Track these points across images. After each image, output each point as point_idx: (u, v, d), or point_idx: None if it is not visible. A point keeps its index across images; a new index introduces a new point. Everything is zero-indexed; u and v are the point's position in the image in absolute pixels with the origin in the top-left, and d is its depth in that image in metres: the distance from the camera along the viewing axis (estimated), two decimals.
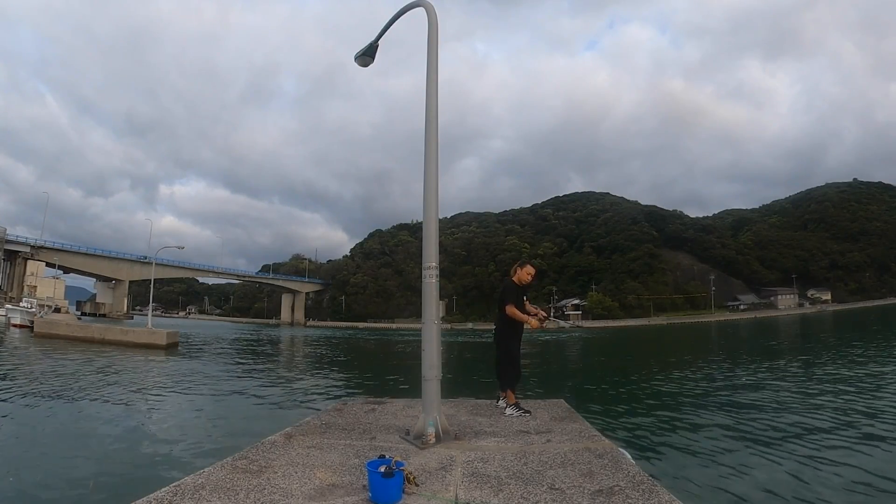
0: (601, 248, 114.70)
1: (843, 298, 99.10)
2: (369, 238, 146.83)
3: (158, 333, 27.77)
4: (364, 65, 5.82)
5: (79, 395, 11.65)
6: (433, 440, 3.63)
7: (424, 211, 4.23)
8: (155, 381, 14.61)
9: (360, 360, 27.03)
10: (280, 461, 3.12)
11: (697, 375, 16.74)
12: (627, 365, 22.61)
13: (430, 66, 4.54)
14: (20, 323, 39.79)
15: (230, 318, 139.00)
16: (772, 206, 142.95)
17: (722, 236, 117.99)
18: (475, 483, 2.73)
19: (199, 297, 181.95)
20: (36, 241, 75.74)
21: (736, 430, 8.30)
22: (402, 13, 5.13)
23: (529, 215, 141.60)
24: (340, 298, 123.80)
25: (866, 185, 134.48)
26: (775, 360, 20.11)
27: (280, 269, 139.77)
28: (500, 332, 5.02)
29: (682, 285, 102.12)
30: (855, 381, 13.07)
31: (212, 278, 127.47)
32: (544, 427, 4.22)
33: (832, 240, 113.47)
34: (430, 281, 4.05)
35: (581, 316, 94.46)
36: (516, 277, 5.07)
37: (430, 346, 3.96)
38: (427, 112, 4.41)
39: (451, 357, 26.61)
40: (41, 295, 62.18)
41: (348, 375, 19.35)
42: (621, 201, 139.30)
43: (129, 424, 8.95)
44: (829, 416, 9.08)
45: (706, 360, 21.95)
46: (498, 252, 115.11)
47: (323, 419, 4.57)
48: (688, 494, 5.26)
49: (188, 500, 2.41)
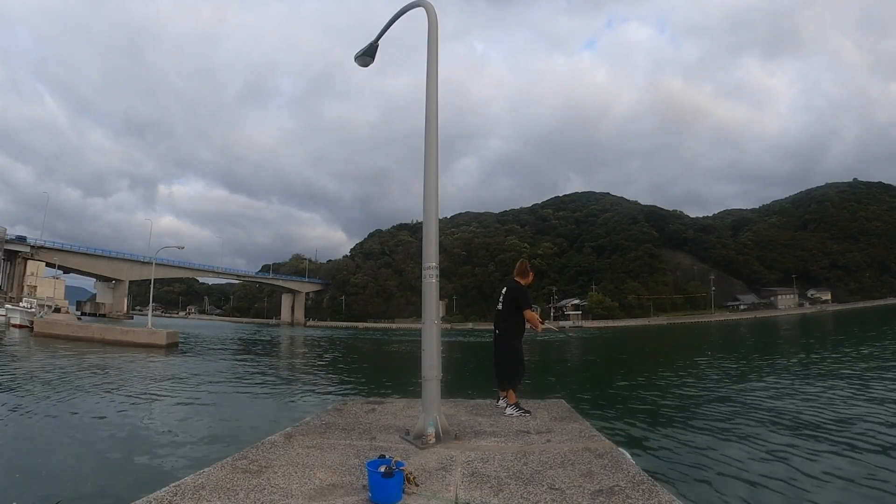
0: (601, 248, 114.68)
1: (843, 298, 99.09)
2: (369, 238, 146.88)
3: (158, 333, 27.77)
4: (364, 65, 5.81)
5: (78, 395, 11.65)
6: (433, 440, 3.63)
7: (424, 211, 4.23)
8: (155, 382, 14.59)
9: (360, 360, 27.02)
10: (280, 461, 3.12)
11: (698, 375, 16.74)
12: (628, 365, 22.61)
13: (430, 65, 4.54)
14: (20, 323, 39.78)
15: (230, 318, 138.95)
16: (772, 206, 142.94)
17: (722, 236, 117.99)
18: (475, 483, 2.73)
19: (199, 297, 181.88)
20: (36, 241, 75.75)
21: (736, 430, 8.29)
22: (403, 13, 5.12)
23: (529, 215, 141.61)
24: (340, 298, 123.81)
25: (866, 185, 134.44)
26: (775, 360, 20.11)
27: (280, 269, 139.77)
28: (503, 332, 5.00)
29: (682, 285, 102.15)
30: (855, 380, 13.07)
31: (212, 278, 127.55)
32: (544, 427, 4.22)
33: (832, 240, 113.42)
34: (430, 281, 4.05)
35: (581, 316, 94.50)
36: (525, 281, 5.08)
37: (430, 346, 3.96)
38: (427, 112, 4.41)
39: (452, 357, 26.61)
40: (41, 295, 62.14)
41: (348, 375, 19.35)
42: (621, 201, 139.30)
43: (129, 424, 8.94)
44: (829, 416, 9.07)
45: (706, 360, 21.95)
46: (498, 252, 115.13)
47: (323, 419, 4.57)
48: (688, 494, 5.25)
49: (188, 500, 2.41)
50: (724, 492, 5.50)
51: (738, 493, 5.46)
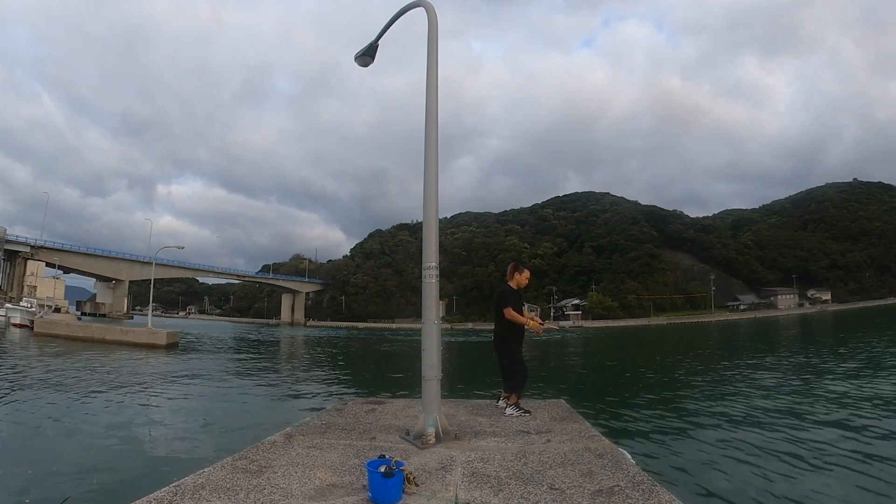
0: (601, 248, 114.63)
1: (844, 298, 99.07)
2: (369, 238, 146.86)
3: (158, 333, 27.77)
4: (364, 65, 5.80)
5: (78, 395, 11.64)
6: (433, 440, 3.63)
7: (424, 211, 4.22)
8: (155, 381, 14.59)
9: (360, 360, 27.01)
10: (280, 461, 3.12)
11: (697, 375, 16.74)
12: (628, 365, 22.60)
13: (430, 65, 4.53)
14: (20, 323, 39.81)
15: (230, 318, 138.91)
16: (772, 206, 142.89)
17: (722, 236, 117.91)
18: (475, 483, 2.73)
19: (199, 297, 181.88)
20: (36, 241, 75.77)
21: (736, 430, 8.29)
22: (403, 13, 5.11)
23: (529, 215, 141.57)
24: (340, 298, 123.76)
25: (866, 185, 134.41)
26: (775, 360, 20.11)
27: (280, 269, 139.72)
28: (500, 336, 4.98)
29: (682, 285, 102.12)
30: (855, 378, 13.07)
31: (212, 278, 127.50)
32: (544, 427, 4.22)
33: (832, 240, 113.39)
34: (430, 281, 4.05)
35: (581, 316, 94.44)
36: (514, 283, 5.07)
37: (430, 346, 3.95)
38: (427, 112, 4.40)
39: (451, 357, 26.60)
40: (41, 295, 62.19)
41: (348, 375, 19.35)
42: (621, 201, 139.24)
43: (129, 424, 8.94)
44: (829, 415, 9.08)
45: (706, 360, 21.95)
46: (498, 252, 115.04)
47: (323, 419, 4.57)
48: (688, 494, 5.25)
49: (188, 500, 2.41)
50: (725, 492, 5.50)
51: (738, 493, 5.45)
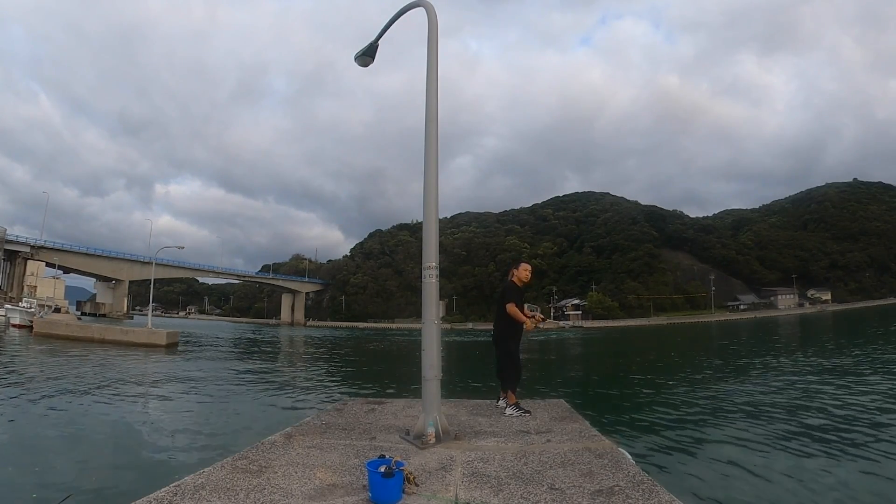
0: (601, 248, 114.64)
1: (843, 298, 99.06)
2: (369, 238, 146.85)
3: (158, 333, 27.78)
4: (364, 65, 5.80)
5: (78, 395, 11.63)
6: (433, 440, 3.63)
7: (424, 211, 4.22)
8: (155, 381, 14.60)
9: (360, 360, 27.00)
10: (280, 461, 3.12)
11: (697, 375, 16.73)
12: (628, 365, 22.59)
13: (430, 65, 4.53)
14: (20, 323, 39.73)
15: (230, 318, 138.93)
16: (772, 206, 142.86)
17: (722, 236, 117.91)
18: (475, 483, 2.73)
19: (199, 297, 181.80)
20: (36, 241, 75.75)
21: (736, 430, 8.29)
22: (403, 13, 5.11)
23: (529, 215, 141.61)
24: (340, 298, 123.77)
25: (866, 185, 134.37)
26: (775, 360, 20.10)
27: (280, 269, 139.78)
28: (499, 332, 5.02)
29: (682, 285, 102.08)
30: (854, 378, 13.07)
31: (212, 278, 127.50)
32: (544, 427, 4.22)
33: (832, 240, 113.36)
34: (430, 281, 4.05)
35: (581, 316, 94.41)
36: (516, 278, 5.08)
37: (430, 347, 3.95)
38: (427, 112, 4.40)
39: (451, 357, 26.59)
40: (41, 295, 62.08)
41: (348, 375, 19.34)
42: (621, 201, 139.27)
43: (128, 424, 8.94)
44: (829, 415, 9.07)
45: (706, 360, 21.95)
46: (498, 252, 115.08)
47: (323, 419, 4.57)
48: (688, 494, 5.25)
49: (188, 500, 2.42)
50: (725, 492, 5.50)
51: (738, 493, 5.45)
